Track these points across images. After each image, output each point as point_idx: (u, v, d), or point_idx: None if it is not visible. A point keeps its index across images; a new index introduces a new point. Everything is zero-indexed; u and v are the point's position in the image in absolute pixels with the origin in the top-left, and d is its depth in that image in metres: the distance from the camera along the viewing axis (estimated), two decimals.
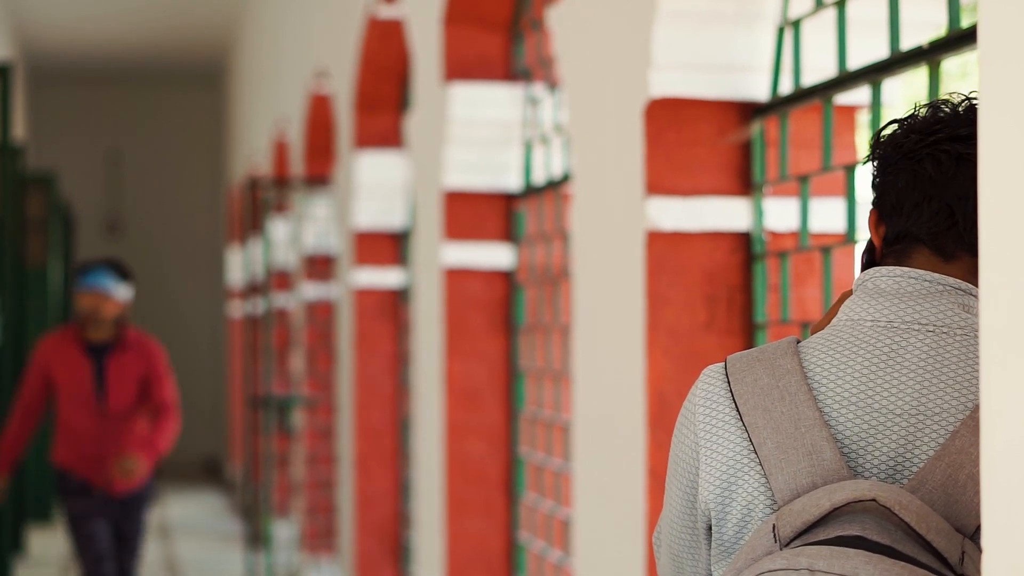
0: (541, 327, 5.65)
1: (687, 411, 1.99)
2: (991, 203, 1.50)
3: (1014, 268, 1.46)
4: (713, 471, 1.92)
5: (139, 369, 7.11)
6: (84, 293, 7.01)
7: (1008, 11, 1.46)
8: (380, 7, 7.60)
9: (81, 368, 7.04)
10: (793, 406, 1.87)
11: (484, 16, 5.93)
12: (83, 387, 7.02)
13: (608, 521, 4.15)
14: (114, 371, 7.07)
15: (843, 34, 3.44)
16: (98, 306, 7.00)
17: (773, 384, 1.90)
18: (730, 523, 1.90)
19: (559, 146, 5.39)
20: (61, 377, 7.04)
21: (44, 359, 7.10)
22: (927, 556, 1.74)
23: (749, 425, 1.88)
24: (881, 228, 1.99)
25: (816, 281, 3.78)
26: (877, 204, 2.00)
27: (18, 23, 14.31)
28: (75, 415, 7.01)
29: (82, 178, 17.54)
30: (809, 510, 1.78)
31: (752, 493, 1.88)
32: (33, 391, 7.09)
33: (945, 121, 1.96)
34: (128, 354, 7.09)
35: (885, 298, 1.94)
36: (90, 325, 7.08)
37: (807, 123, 3.78)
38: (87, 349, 7.07)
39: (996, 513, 1.48)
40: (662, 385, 3.78)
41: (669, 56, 3.77)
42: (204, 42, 15.93)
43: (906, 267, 1.95)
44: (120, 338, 7.10)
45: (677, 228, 3.80)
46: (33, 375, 7.11)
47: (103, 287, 6.97)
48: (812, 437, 1.85)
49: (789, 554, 1.76)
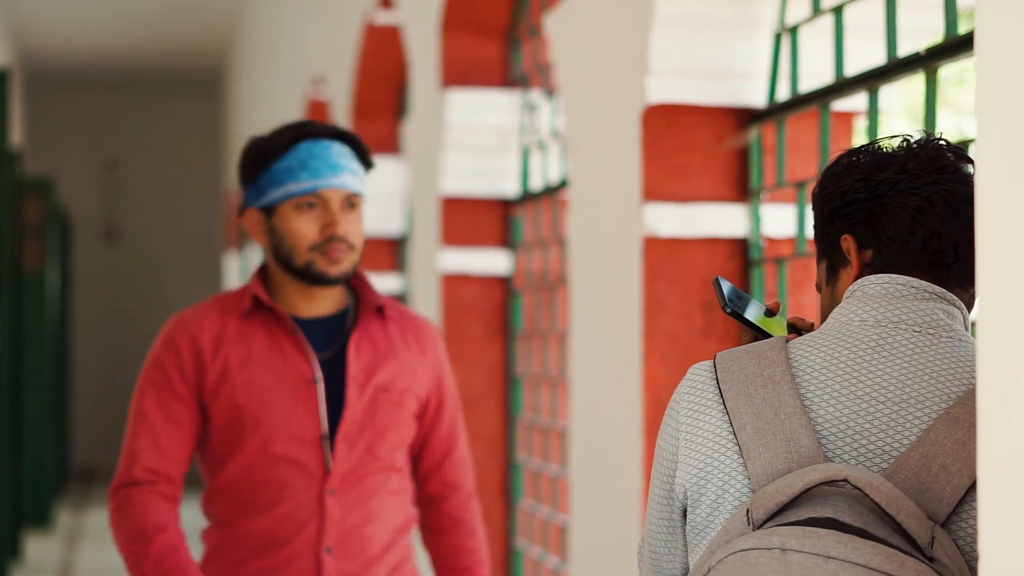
0: (538, 333, 5.65)
1: (672, 403, 2.03)
2: (988, 208, 1.50)
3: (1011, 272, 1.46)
4: (692, 453, 1.95)
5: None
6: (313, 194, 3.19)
7: (1005, 18, 1.46)
8: (377, 13, 7.61)
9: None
10: (775, 393, 1.90)
11: (481, 22, 5.93)
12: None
13: (605, 527, 4.14)
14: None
15: (840, 40, 3.44)
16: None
17: (758, 372, 1.93)
18: (703, 505, 1.93)
19: (556, 152, 5.39)
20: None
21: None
22: (898, 539, 1.76)
23: (731, 410, 1.91)
24: (866, 253, 2.01)
25: (812, 287, 3.78)
26: (853, 231, 2.01)
27: (16, 29, 14.31)
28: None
29: (80, 184, 17.53)
30: (782, 491, 1.80)
31: (728, 475, 1.91)
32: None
33: (945, 158, 2.00)
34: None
35: (873, 301, 1.97)
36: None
37: (804, 129, 3.78)
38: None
39: (993, 518, 1.49)
40: (659, 391, 3.78)
41: (666, 62, 3.77)
42: (201, 49, 15.94)
43: (892, 274, 1.99)
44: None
45: (674, 234, 3.80)
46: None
47: (353, 181, 3.21)
48: (791, 424, 1.88)
49: (761, 534, 1.77)
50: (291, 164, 3.17)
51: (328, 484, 3.16)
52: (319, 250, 3.15)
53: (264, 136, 3.23)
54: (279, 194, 3.17)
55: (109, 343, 17.62)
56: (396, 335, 3.27)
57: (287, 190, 3.16)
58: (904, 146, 2.02)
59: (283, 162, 3.18)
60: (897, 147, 2.02)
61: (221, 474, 3.20)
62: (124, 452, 3.16)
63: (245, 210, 3.24)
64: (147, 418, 3.17)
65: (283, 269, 3.20)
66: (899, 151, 2.01)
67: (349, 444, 3.18)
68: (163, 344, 3.22)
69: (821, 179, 2.06)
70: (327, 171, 3.18)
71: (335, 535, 3.17)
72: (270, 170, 3.19)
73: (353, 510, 3.19)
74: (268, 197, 3.18)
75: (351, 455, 3.18)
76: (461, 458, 3.37)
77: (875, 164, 2.01)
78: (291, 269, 3.18)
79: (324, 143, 3.19)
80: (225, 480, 3.20)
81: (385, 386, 3.22)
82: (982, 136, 1.51)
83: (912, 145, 2.02)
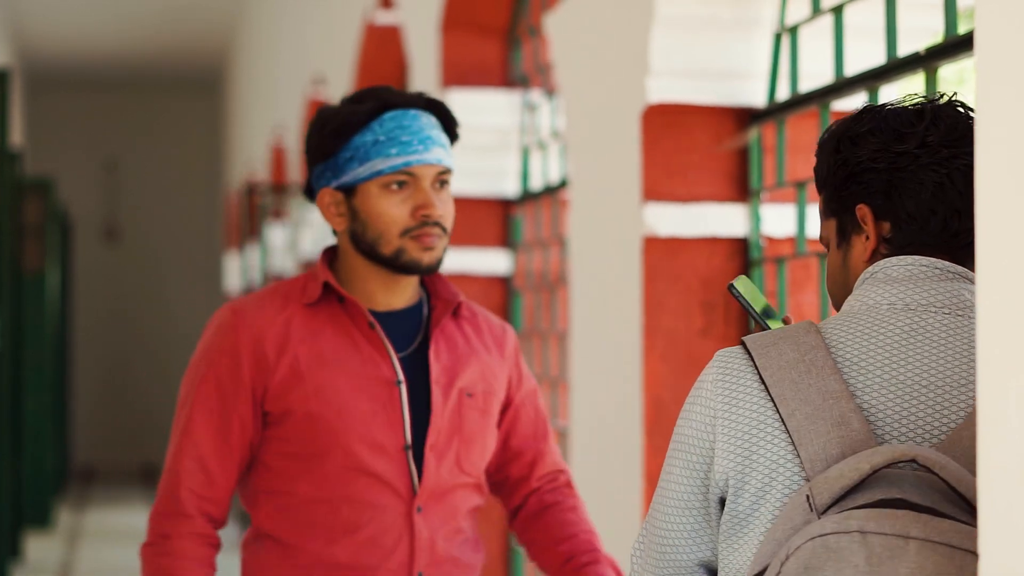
0: (538, 333, 5.65)
1: (699, 390, 1.99)
2: (987, 207, 1.50)
3: (1011, 271, 1.46)
4: (733, 441, 1.92)
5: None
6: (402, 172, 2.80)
7: (1005, 18, 1.46)
8: (377, 13, 7.61)
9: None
10: (820, 378, 1.89)
11: (481, 22, 5.93)
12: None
13: (605, 526, 4.14)
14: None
15: (840, 40, 3.44)
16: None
17: (799, 358, 1.91)
18: (747, 493, 1.91)
19: (556, 152, 5.39)
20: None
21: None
22: (966, 516, 1.76)
23: (776, 396, 1.89)
24: (884, 226, 2.00)
25: (813, 287, 3.78)
26: (869, 201, 2.00)
27: (16, 29, 14.30)
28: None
29: (80, 184, 17.53)
30: (847, 475, 1.79)
31: (776, 461, 1.89)
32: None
33: (964, 125, 1.98)
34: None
35: (898, 284, 1.97)
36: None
37: (804, 129, 3.78)
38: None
39: (993, 518, 1.49)
40: (659, 391, 3.78)
41: (666, 62, 3.78)
42: (202, 49, 15.94)
43: (914, 255, 1.98)
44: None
45: (674, 234, 3.80)
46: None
47: (446, 156, 2.85)
48: (840, 408, 1.87)
49: (838, 518, 1.76)
50: (377, 137, 2.77)
51: (416, 501, 2.77)
52: (411, 235, 2.76)
53: (339, 106, 2.83)
54: (364, 172, 2.77)
55: (109, 343, 17.62)
56: (473, 335, 2.91)
57: (373, 167, 2.76)
58: (923, 113, 2.00)
59: (367, 135, 2.78)
60: (915, 114, 2.00)
61: (287, 493, 2.78)
62: (167, 470, 2.76)
63: (319, 190, 2.83)
64: (193, 434, 2.75)
65: (362, 255, 2.81)
66: (917, 120, 1.99)
67: (438, 456, 2.80)
68: (216, 341, 2.79)
69: (835, 137, 2.03)
70: (419, 144, 2.78)
71: (426, 559, 2.78)
72: (351, 144, 2.78)
73: (440, 530, 2.82)
74: (349, 175, 2.78)
75: (439, 468, 2.80)
76: (554, 449, 3.01)
77: (895, 135, 1.99)
78: (375, 256, 2.79)
79: (413, 113, 2.80)
80: (293, 500, 2.77)
81: (469, 390, 2.85)
82: (982, 136, 1.51)
83: (931, 112, 2.00)
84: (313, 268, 2.85)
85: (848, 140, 2.02)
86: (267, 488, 2.79)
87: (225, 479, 2.76)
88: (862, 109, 2.05)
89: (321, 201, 2.83)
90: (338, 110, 2.80)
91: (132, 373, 17.51)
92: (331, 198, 2.82)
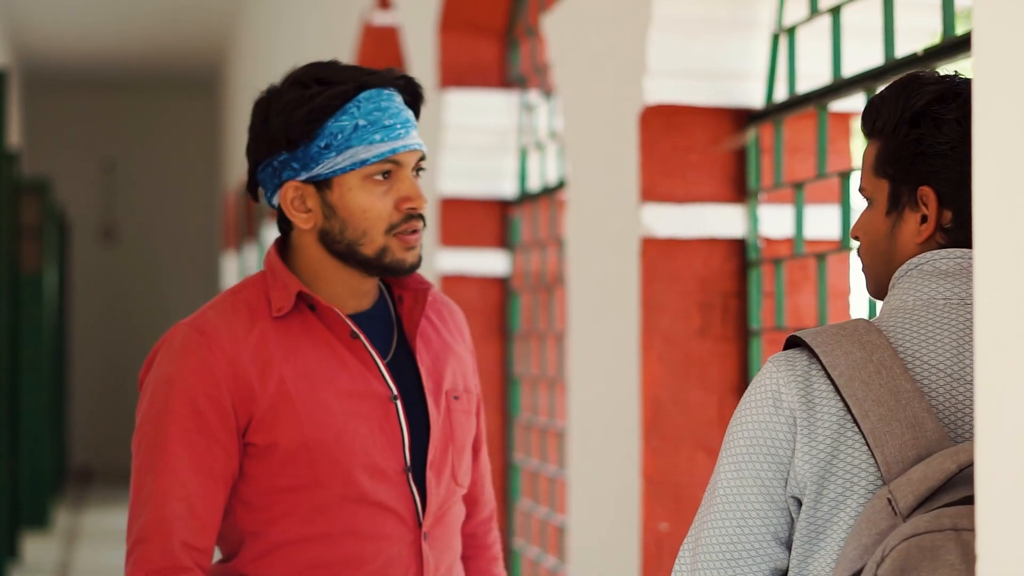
0: (536, 333, 5.65)
1: (766, 393, 1.94)
2: (986, 207, 1.50)
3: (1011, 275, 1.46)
4: (814, 444, 1.90)
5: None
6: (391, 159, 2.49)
7: (1002, 18, 1.46)
8: (375, 14, 7.60)
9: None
10: (891, 379, 1.87)
11: (479, 23, 5.93)
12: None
13: (603, 528, 4.14)
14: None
15: (838, 41, 3.44)
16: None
17: (867, 358, 1.89)
18: (827, 498, 1.88)
19: (554, 153, 5.39)
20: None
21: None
22: None
23: (849, 397, 1.87)
24: (946, 214, 1.98)
25: (811, 288, 3.78)
26: (936, 186, 1.97)
27: (14, 30, 14.30)
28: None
29: (77, 185, 17.53)
30: (932, 476, 1.78)
31: (856, 466, 1.87)
32: None
33: None
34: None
35: (950, 278, 1.96)
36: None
37: (802, 130, 3.78)
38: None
39: (992, 518, 1.49)
40: (657, 391, 3.78)
41: (664, 63, 3.78)
42: (199, 49, 15.93)
43: (961, 248, 1.97)
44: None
45: (672, 235, 3.80)
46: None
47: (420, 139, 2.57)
48: (913, 409, 1.85)
49: (928, 517, 1.75)
50: (356, 122, 2.42)
51: (423, 527, 2.46)
52: (395, 232, 2.43)
53: (293, 87, 2.46)
54: (343, 162, 2.42)
55: (107, 343, 17.61)
56: (439, 324, 2.59)
57: (355, 156, 2.41)
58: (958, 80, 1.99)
59: (343, 119, 2.42)
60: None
61: (277, 532, 2.42)
62: (151, 516, 2.35)
63: (283, 183, 2.45)
64: (176, 471, 2.35)
65: (334, 256, 2.46)
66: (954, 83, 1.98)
67: (437, 473, 2.49)
68: (187, 364, 2.39)
69: (914, 111, 1.98)
70: (401, 128, 2.44)
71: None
72: (324, 130, 2.42)
73: (444, 555, 2.51)
74: (324, 166, 2.42)
75: (439, 487, 2.49)
76: (485, 468, 2.70)
77: (947, 105, 1.97)
78: (352, 257, 2.45)
79: (387, 92, 2.45)
80: (284, 539, 2.42)
81: (455, 392, 2.56)
82: (979, 135, 1.51)
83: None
84: (264, 273, 2.49)
85: (931, 120, 1.98)
86: (252, 529, 2.43)
87: (213, 522, 2.39)
88: (945, 87, 1.99)
89: (284, 196, 2.45)
90: (302, 93, 2.44)
91: (130, 373, 17.49)
92: (296, 192, 2.45)
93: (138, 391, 2.46)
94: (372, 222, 2.43)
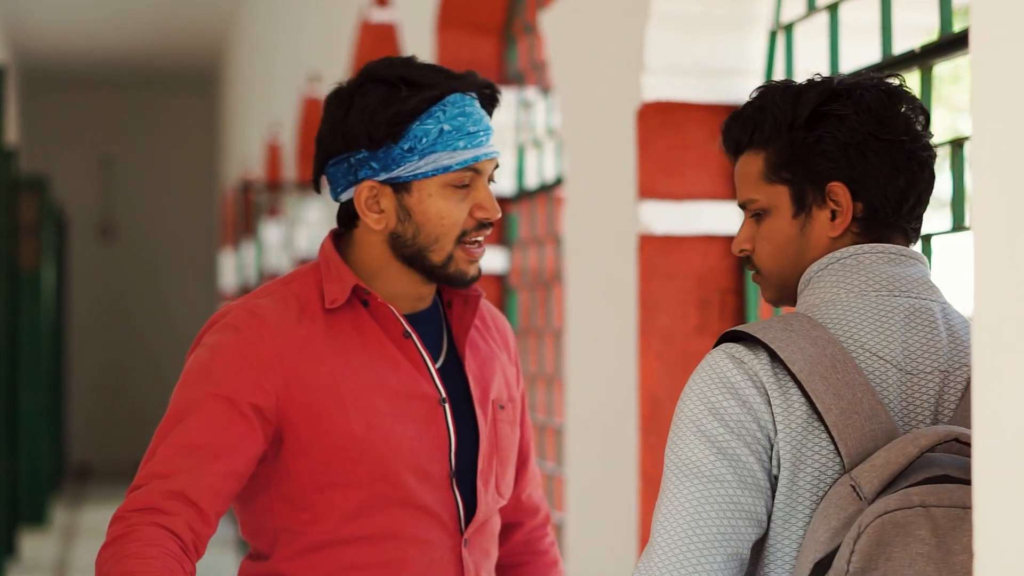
0: (534, 331, 5.65)
1: (734, 385, 1.94)
2: (984, 207, 1.50)
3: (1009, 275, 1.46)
4: (789, 433, 1.93)
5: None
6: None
7: (1000, 15, 1.46)
8: (373, 11, 7.60)
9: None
10: (845, 373, 1.93)
11: (477, 20, 5.93)
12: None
13: (601, 525, 4.14)
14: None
15: (835, 38, 3.44)
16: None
17: (820, 353, 1.94)
18: (802, 481, 1.93)
19: (552, 150, 5.39)
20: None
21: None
22: None
23: (812, 392, 1.92)
24: (858, 206, 2.03)
25: None
26: (847, 181, 2.02)
27: (12, 27, 14.29)
28: None
29: (75, 182, 17.52)
30: (895, 460, 1.85)
31: (824, 456, 1.92)
32: None
33: (924, 125, 2.06)
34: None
35: (874, 269, 2.01)
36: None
37: None
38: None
39: (991, 518, 1.49)
40: (655, 388, 3.78)
41: (661, 60, 3.78)
42: (197, 47, 15.93)
43: (884, 243, 2.03)
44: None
45: (669, 232, 3.80)
46: None
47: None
48: (869, 402, 1.92)
49: (898, 495, 1.82)
50: (442, 126, 2.38)
51: (465, 533, 2.43)
52: (464, 242, 2.41)
53: (371, 85, 2.40)
54: (426, 167, 2.37)
55: (105, 341, 17.61)
56: (486, 333, 2.56)
57: (438, 162, 2.37)
58: (898, 98, 2.04)
59: (429, 123, 2.38)
60: (891, 99, 2.04)
61: (317, 529, 2.37)
62: (152, 469, 2.29)
63: (358, 182, 2.40)
64: (191, 433, 2.31)
65: (399, 259, 2.42)
66: (897, 103, 2.04)
67: (485, 482, 2.45)
68: (235, 347, 2.35)
69: (802, 110, 2.04)
70: (483, 136, 2.41)
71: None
72: (410, 132, 2.37)
73: (483, 561, 2.48)
74: (405, 169, 2.37)
75: (486, 496, 2.46)
76: (536, 474, 2.67)
77: (877, 120, 2.02)
78: (418, 262, 2.42)
79: (469, 97, 2.43)
80: (324, 540, 2.38)
81: (501, 402, 2.51)
82: (977, 134, 1.51)
83: (907, 98, 2.05)
84: (317, 263, 2.45)
85: (831, 117, 2.03)
86: (289, 527, 2.39)
87: (219, 489, 2.31)
88: (826, 87, 2.05)
89: (358, 195, 2.40)
90: (390, 92, 2.38)
91: (128, 371, 17.50)
92: (372, 192, 2.40)
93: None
94: (447, 229, 2.40)
